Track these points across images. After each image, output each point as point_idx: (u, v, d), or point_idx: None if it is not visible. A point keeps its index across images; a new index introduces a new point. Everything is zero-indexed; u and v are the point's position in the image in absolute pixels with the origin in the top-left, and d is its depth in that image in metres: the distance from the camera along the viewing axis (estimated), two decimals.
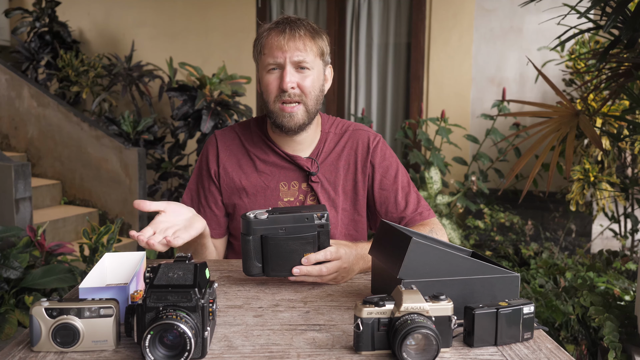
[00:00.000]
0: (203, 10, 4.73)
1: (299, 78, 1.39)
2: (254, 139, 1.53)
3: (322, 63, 1.45)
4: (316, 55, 1.41)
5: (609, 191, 3.28)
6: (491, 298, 0.98)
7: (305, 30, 1.40)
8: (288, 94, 1.38)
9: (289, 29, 1.39)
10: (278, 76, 1.39)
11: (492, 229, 3.61)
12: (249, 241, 1.12)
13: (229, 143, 1.53)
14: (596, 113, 2.90)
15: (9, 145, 4.52)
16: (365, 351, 0.86)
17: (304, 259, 1.13)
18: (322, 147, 1.51)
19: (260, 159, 1.50)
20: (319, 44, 1.42)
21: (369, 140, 1.53)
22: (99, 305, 0.85)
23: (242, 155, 1.52)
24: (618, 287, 2.52)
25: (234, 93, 4.05)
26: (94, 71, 4.72)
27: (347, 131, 1.54)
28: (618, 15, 1.91)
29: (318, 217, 1.13)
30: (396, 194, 1.50)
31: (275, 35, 1.39)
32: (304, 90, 1.40)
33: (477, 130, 4.19)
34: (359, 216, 1.52)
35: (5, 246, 2.76)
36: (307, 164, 1.48)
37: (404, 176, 1.53)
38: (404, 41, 4.49)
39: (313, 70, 1.41)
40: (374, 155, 1.51)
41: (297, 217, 1.12)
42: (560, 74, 3.78)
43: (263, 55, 1.41)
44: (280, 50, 1.37)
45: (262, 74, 1.42)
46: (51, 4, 4.79)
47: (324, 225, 1.13)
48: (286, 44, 1.37)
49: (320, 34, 1.44)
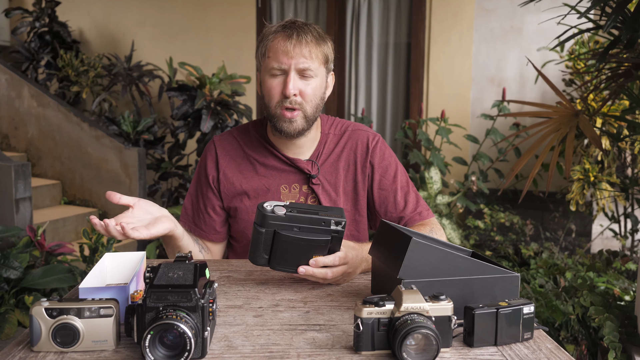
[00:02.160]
0: (203, 10, 4.73)
1: (301, 85, 1.39)
2: (253, 143, 1.53)
3: (326, 70, 1.44)
4: (321, 63, 1.41)
5: (609, 191, 3.28)
6: (491, 298, 0.98)
7: (311, 36, 1.39)
8: (290, 101, 1.38)
9: (296, 35, 1.37)
10: (281, 81, 1.39)
11: (492, 229, 3.61)
12: (261, 233, 1.10)
13: (228, 148, 1.53)
14: (596, 113, 2.90)
15: (9, 145, 4.52)
16: (365, 351, 0.86)
17: (312, 261, 1.12)
18: (322, 149, 1.51)
19: (260, 163, 1.50)
20: (325, 51, 1.41)
21: (368, 140, 1.53)
22: (99, 305, 0.85)
23: (241, 159, 1.52)
24: (618, 287, 2.52)
25: (233, 93, 4.05)
26: (94, 71, 4.72)
27: (346, 131, 1.54)
28: (618, 15, 1.91)
29: (335, 223, 1.10)
30: (395, 194, 1.50)
31: (282, 40, 1.37)
32: (305, 98, 1.40)
33: (477, 130, 4.19)
34: (360, 216, 1.53)
35: (5, 246, 2.76)
36: (308, 166, 1.48)
37: (403, 176, 1.54)
38: (404, 41, 4.49)
39: (316, 77, 1.41)
40: (374, 155, 1.52)
41: (314, 219, 1.09)
42: (560, 74, 3.78)
43: (267, 58, 1.40)
44: (286, 56, 1.37)
45: (265, 76, 1.42)
46: (51, 4, 4.79)
47: (339, 232, 1.11)
48: (292, 50, 1.36)
49: (326, 40, 1.43)
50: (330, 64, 1.46)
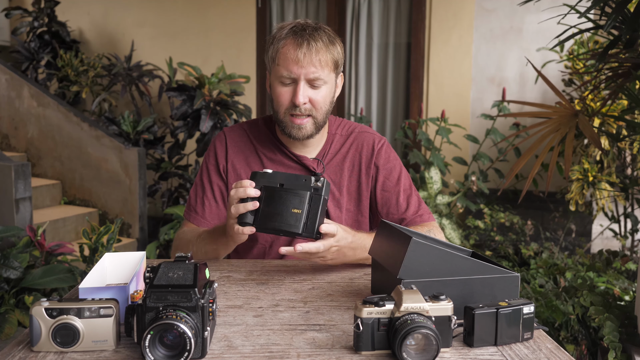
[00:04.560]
0: (203, 10, 4.73)
1: (311, 93, 1.39)
2: (262, 138, 1.54)
3: (335, 75, 1.44)
4: (331, 70, 1.40)
5: (608, 191, 3.28)
6: (491, 298, 0.98)
7: (322, 43, 1.37)
8: (299, 109, 1.38)
9: (307, 44, 1.35)
10: (291, 90, 1.39)
11: (492, 229, 3.61)
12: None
13: (237, 140, 1.54)
14: (595, 113, 2.90)
15: (9, 145, 4.52)
16: (365, 351, 0.86)
17: (299, 246, 1.16)
18: (329, 149, 1.53)
19: (268, 157, 1.52)
20: (335, 56, 1.40)
21: (374, 142, 1.55)
22: (99, 305, 0.85)
23: (250, 152, 1.53)
24: (618, 287, 2.52)
25: (232, 92, 4.05)
26: (93, 71, 4.72)
27: (352, 133, 1.56)
28: (618, 15, 1.91)
29: (314, 180, 1.18)
30: (398, 196, 1.51)
31: (293, 48, 1.36)
32: (315, 105, 1.40)
33: (477, 130, 4.19)
34: (362, 217, 1.54)
35: (5, 246, 2.76)
36: (314, 164, 1.50)
37: (407, 179, 1.55)
38: (404, 41, 4.49)
39: (326, 84, 1.40)
40: (379, 157, 1.53)
41: (297, 176, 1.20)
42: (560, 74, 3.78)
43: (277, 65, 1.39)
44: (296, 66, 1.36)
45: (274, 82, 1.41)
46: (50, 3, 4.78)
47: (319, 189, 1.18)
48: (302, 59, 1.35)
49: (336, 43, 1.42)
50: (340, 67, 1.45)
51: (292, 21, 1.43)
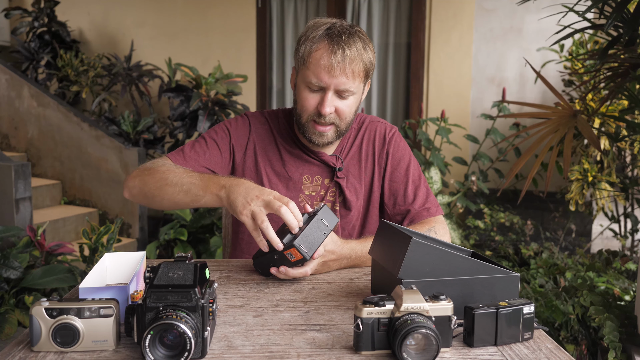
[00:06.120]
0: (203, 10, 4.73)
1: (338, 103, 1.36)
2: (281, 129, 1.53)
3: (364, 83, 1.41)
4: (361, 81, 1.37)
5: (608, 191, 3.28)
6: (491, 298, 0.98)
7: (356, 51, 1.32)
8: (324, 118, 1.36)
9: (342, 52, 1.30)
10: (317, 97, 1.36)
11: (492, 229, 3.61)
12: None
13: (259, 126, 1.53)
14: (595, 113, 2.90)
15: (9, 145, 4.52)
16: (365, 351, 0.86)
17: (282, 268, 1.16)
18: (346, 144, 1.53)
19: (286, 149, 1.50)
20: (368, 65, 1.36)
21: (386, 131, 1.55)
22: (99, 305, 0.85)
23: (269, 141, 1.51)
24: (618, 287, 2.52)
25: (230, 92, 4.04)
26: (93, 71, 4.72)
27: (364, 123, 1.56)
28: (618, 15, 1.91)
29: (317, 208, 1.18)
30: (406, 187, 1.51)
31: (327, 55, 1.31)
32: (340, 115, 1.38)
33: (477, 130, 4.18)
34: (373, 207, 1.54)
35: (5, 246, 2.76)
36: (333, 160, 1.49)
37: (416, 170, 1.54)
38: (404, 41, 4.49)
39: (354, 95, 1.38)
40: (389, 146, 1.53)
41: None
42: (560, 74, 3.78)
43: (307, 69, 1.34)
44: (327, 75, 1.31)
45: (301, 85, 1.38)
46: (50, 3, 4.78)
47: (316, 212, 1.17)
48: (335, 69, 1.30)
49: (369, 49, 1.37)
50: (371, 74, 1.41)
51: (326, 19, 1.38)
